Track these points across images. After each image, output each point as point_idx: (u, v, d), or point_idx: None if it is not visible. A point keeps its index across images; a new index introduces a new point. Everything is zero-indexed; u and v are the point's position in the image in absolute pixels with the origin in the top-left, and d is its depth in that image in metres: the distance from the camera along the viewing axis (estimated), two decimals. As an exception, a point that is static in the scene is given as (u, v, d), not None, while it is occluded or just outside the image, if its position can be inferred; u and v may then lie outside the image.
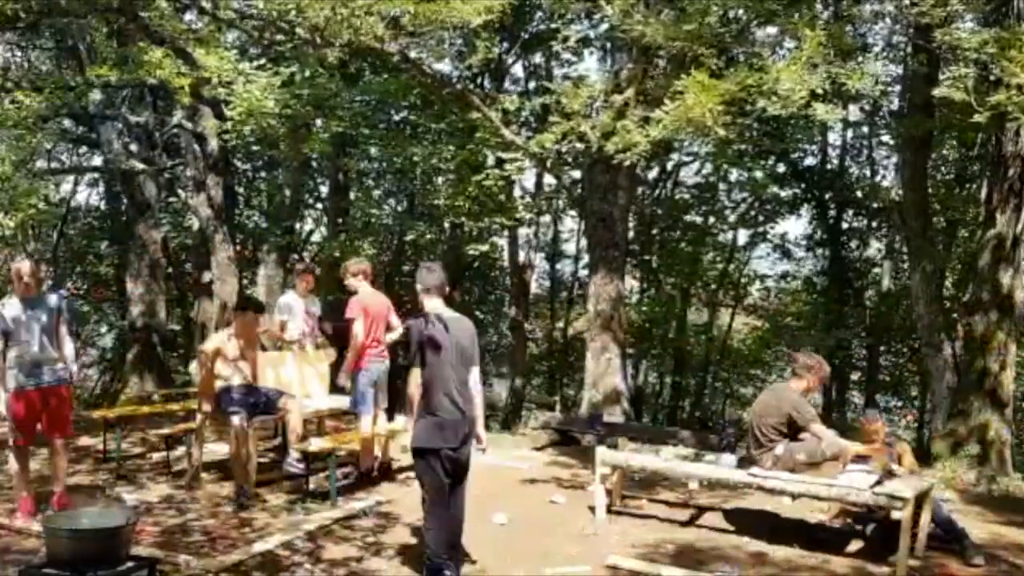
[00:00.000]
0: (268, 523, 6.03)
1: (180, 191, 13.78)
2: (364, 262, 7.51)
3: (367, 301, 7.08)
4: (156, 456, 7.84)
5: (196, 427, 7.12)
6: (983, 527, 6.75)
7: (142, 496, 6.62)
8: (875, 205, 15.51)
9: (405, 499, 6.84)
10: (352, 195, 14.19)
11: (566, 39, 10.14)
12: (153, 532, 5.72)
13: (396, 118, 13.48)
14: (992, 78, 7.14)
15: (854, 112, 14.82)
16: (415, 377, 4.89)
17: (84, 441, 8.44)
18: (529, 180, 15.37)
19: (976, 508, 7.39)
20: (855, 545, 6.00)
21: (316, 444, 6.92)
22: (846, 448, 5.96)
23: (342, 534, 5.87)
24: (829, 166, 15.92)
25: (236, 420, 6.47)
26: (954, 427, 8.95)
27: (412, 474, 7.58)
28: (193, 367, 8.51)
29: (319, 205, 15.59)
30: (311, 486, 6.89)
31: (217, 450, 7.92)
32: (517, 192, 14.42)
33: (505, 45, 13.26)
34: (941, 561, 5.79)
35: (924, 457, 9.80)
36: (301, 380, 7.86)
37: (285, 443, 7.10)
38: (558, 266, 18.24)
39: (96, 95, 11.28)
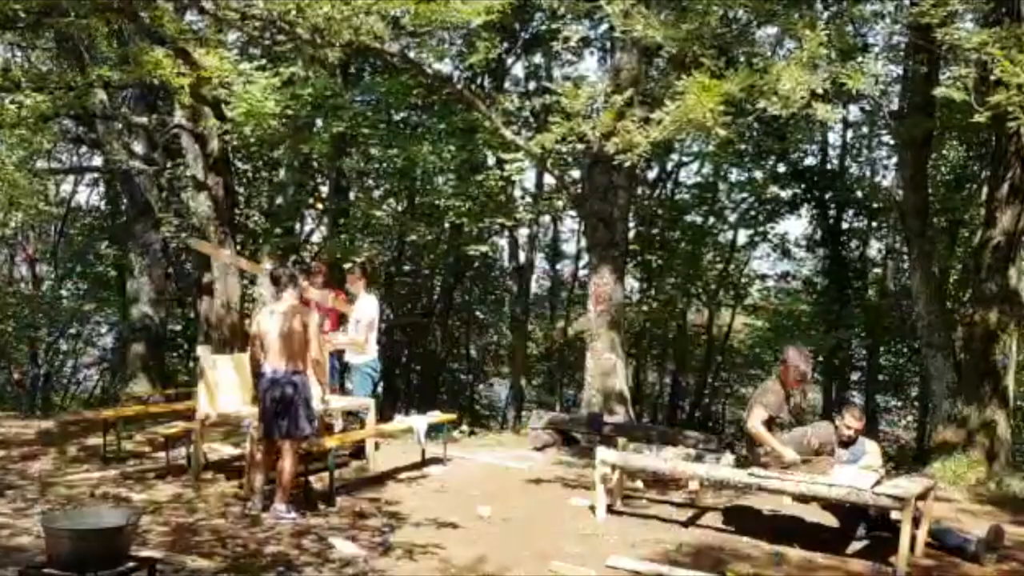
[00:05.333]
0: (276, 522, 6.02)
1: (180, 191, 13.78)
2: None
3: None
4: (161, 456, 7.84)
5: (196, 427, 7.12)
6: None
7: (150, 496, 6.62)
8: (875, 205, 15.52)
9: (412, 499, 6.85)
10: (352, 195, 14.19)
11: (566, 39, 10.13)
12: (162, 532, 5.71)
13: (396, 118, 13.48)
14: (992, 78, 7.13)
15: (854, 112, 14.83)
16: None
17: (89, 441, 8.44)
18: (529, 180, 15.40)
19: (984, 508, 7.40)
20: (857, 545, 5.99)
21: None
22: (776, 448, 5.99)
23: (350, 534, 5.86)
24: (829, 166, 15.91)
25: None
26: (958, 427, 8.95)
27: (416, 473, 7.67)
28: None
29: (319, 205, 15.60)
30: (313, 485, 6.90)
31: (221, 450, 7.93)
32: (517, 192, 14.44)
33: (505, 45, 13.26)
34: (952, 560, 5.81)
35: (924, 456, 9.82)
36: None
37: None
38: (558, 266, 18.25)
39: (99, 95, 11.28)
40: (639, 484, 7.36)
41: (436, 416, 8.46)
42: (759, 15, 8.50)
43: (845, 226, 16.00)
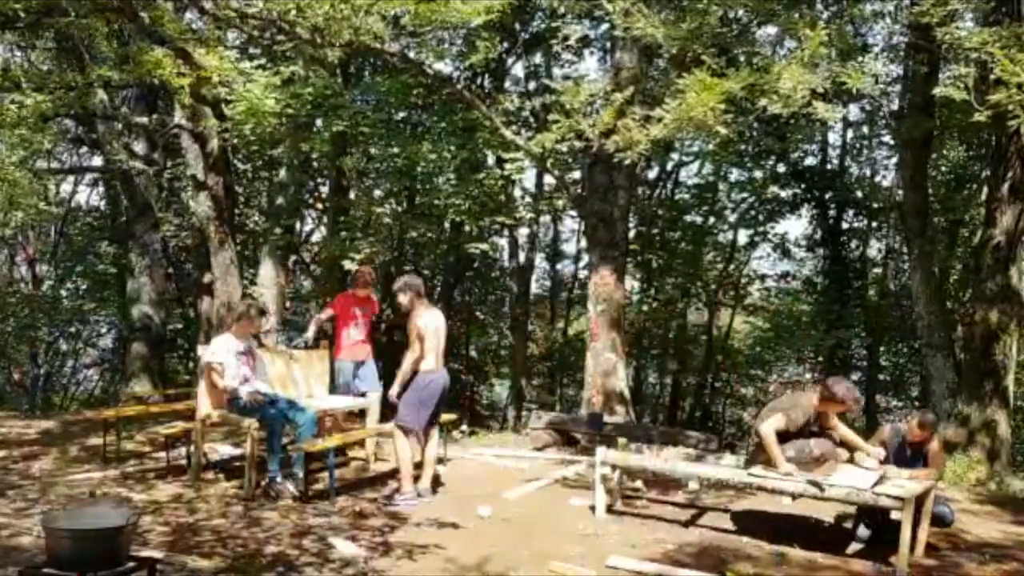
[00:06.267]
0: (277, 523, 6.03)
1: (180, 191, 13.78)
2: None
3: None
4: (161, 456, 7.84)
5: (196, 427, 7.12)
6: (993, 526, 6.76)
7: (151, 496, 6.61)
8: (875, 205, 15.52)
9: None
10: (352, 194, 14.19)
11: (566, 38, 10.13)
12: (162, 532, 5.71)
13: (396, 118, 13.47)
14: (992, 77, 7.14)
15: (854, 112, 14.85)
16: None
17: (90, 441, 8.44)
18: (529, 180, 15.40)
19: (985, 508, 7.39)
20: (857, 545, 5.99)
21: (318, 443, 6.94)
22: (777, 457, 5.94)
23: (351, 534, 5.86)
24: (829, 166, 15.92)
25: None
26: (959, 427, 8.95)
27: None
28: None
29: (319, 205, 15.60)
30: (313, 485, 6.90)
31: (221, 450, 7.93)
32: (517, 192, 14.43)
33: (505, 45, 13.26)
34: (956, 561, 5.80)
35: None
36: (306, 379, 7.88)
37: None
38: (558, 266, 18.26)
39: (99, 95, 11.28)
40: (639, 484, 7.36)
41: (436, 416, 8.43)
42: (759, 15, 8.51)
43: (845, 226, 16.01)
